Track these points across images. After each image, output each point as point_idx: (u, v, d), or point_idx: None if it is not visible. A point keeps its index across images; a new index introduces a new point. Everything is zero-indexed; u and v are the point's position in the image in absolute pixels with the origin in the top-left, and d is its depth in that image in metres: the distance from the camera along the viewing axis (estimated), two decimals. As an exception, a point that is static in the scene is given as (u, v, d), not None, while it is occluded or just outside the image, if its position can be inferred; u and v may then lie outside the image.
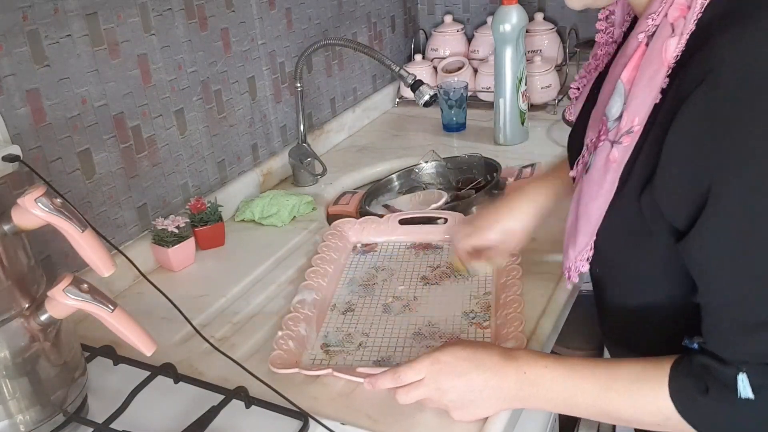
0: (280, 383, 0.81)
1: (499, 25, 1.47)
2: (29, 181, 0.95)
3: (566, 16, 1.86)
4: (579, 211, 0.72)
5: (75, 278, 0.73)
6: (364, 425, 0.78)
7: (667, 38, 0.62)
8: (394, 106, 1.91)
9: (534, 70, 1.69)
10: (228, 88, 1.32)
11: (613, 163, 0.67)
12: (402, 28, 1.95)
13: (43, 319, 0.74)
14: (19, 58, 0.94)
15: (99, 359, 0.91)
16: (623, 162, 0.66)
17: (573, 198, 0.76)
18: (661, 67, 0.62)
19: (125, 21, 1.08)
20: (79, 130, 1.03)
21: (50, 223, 0.70)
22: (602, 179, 0.68)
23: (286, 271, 1.12)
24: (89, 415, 0.83)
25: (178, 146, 1.22)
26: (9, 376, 0.73)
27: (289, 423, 0.77)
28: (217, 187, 1.32)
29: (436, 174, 1.44)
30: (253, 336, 0.96)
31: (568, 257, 0.76)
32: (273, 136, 1.47)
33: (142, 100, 1.14)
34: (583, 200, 0.72)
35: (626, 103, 0.65)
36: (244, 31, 1.34)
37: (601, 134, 0.69)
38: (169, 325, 0.96)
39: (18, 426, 0.75)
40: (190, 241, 1.15)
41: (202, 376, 0.87)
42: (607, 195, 0.68)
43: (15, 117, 0.94)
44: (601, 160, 0.68)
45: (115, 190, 1.11)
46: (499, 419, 0.76)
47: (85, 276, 0.77)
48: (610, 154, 0.67)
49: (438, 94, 1.52)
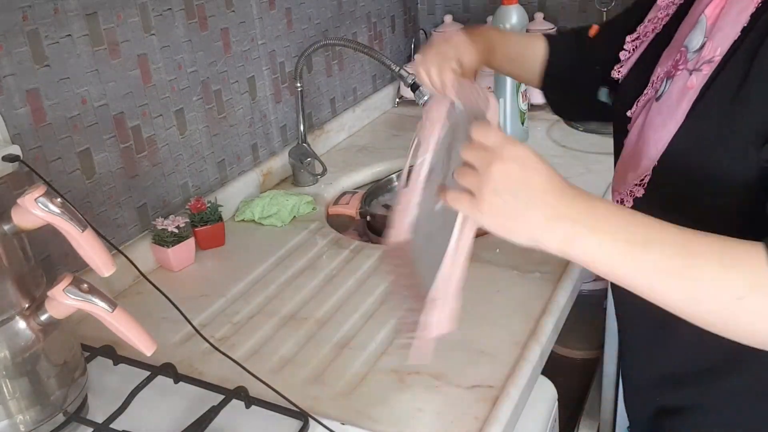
0: (280, 383, 0.81)
1: (499, 25, 1.47)
2: (29, 181, 0.95)
3: (566, 16, 1.86)
4: (644, 138, 0.73)
5: (75, 278, 0.73)
6: (364, 425, 0.78)
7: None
8: (394, 106, 1.91)
9: (534, 70, 1.69)
10: (228, 88, 1.32)
11: (691, 89, 0.69)
12: (402, 28, 1.95)
13: (43, 319, 0.74)
14: (19, 58, 0.94)
15: (99, 359, 0.91)
16: (699, 88, 0.68)
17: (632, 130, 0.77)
18: (750, 4, 0.65)
19: (125, 21, 1.08)
20: (79, 130, 1.03)
21: (50, 223, 0.71)
22: (677, 104, 0.70)
23: (286, 271, 1.12)
24: (89, 415, 0.83)
25: (178, 146, 1.22)
26: (9, 376, 0.73)
27: (289, 423, 0.77)
28: (217, 187, 1.32)
29: (436, 174, 1.44)
30: (253, 336, 0.97)
31: (624, 183, 0.76)
32: (273, 136, 1.47)
33: (142, 100, 1.14)
34: (651, 126, 0.73)
35: (708, 36, 0.68)
36: (244, 31, 1.34)
37: (680, 64, 0.71)
38: (169, 325, 0.96)
39: (18, 426, 0.75)
40: (190, 241, 1.15)
41: (202, 376, 0.87)
42: (678, 120, 0.70)
43: (15, 117, 0.94)
44: (678, 87, 0.70)
45: (115, 190, 1.11)
46: (498, 420, 0.77)
47: (85, 276, 0.77)
48: (688, 81, 0.69)
49: (438, 94, 1.52)
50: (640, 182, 0.74)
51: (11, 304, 0.73)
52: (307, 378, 0.87)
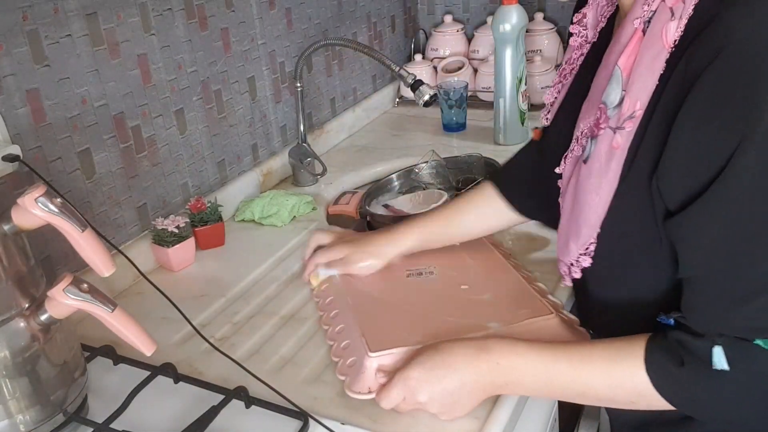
0: (280, 383, 0.81)
1: (499, 25, 1.47)
2: (29, 181, 0.95)
3: (566, 16, 1.86)
4: (580, 203, 0.72)
5: (75, 278, 0.73)
6: (364, 425, 0.78)
7: (666, 22, 0.63)
8: (394, 106, 1.91)
9: (534, 70, 1.69)
10: (228, 88, 1.32)
11: (617, 150, 0.67)
12: (402, 28, 1.95)
13: (43, 319, 0.74)
14: (19, 58, 0.94)
15: (99, 359, 0.91)
16: (626, 148, 0.66)
17: (566, 193, 0.76)
18: (661, 51, 0.63)
19: (125, 21, 1.08)
20: (79, 130, 1.03)
21: (50, 223, 0.70)
22: (606, 167, 0.68)
23: (286, 271, 1.12)
24: (89, 415, 0.83)
25: (178, 146, 1.22)
26: (9, 376, 0.73)
27: (289, 423, 0.77)
28: (217, 187, 1.32)
29: (436, 174, 1.44)
30: (253, 336, 0.96)
31: (568, 253, 0.76)
32: (273, 136, 1.47)
33: (142, 100, 1.14)
34: (583, 191, 0.71)
35: (626, 89, 0.66)
36: (244, 31, 1.34)
37: (601, 122, 0.69)
38: (169, 325, 0.96)
39: (18, 426, 0.75)
40: (190, 241, 1.15)
41: (202, 376, 0.87)
42: (612, 183, 0.68)
43: (15, 117, 0.94)
44: (603, 148, 0.68)
45: (115, 190, 1.11)
46: (498, 420, 0.77)
47: (85, 276, 0.77)
48: (613, 140, 0.67)
49: (438, 94, 1.52)
50: (585, 251, 0.74)
51: (11, 304, 0.73)
52: (307, 378, 0.87)
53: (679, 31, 0.62)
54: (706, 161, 0.60)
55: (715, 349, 0.63)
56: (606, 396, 0.71)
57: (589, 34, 0.81)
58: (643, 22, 0.65)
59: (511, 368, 0.74)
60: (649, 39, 0.64)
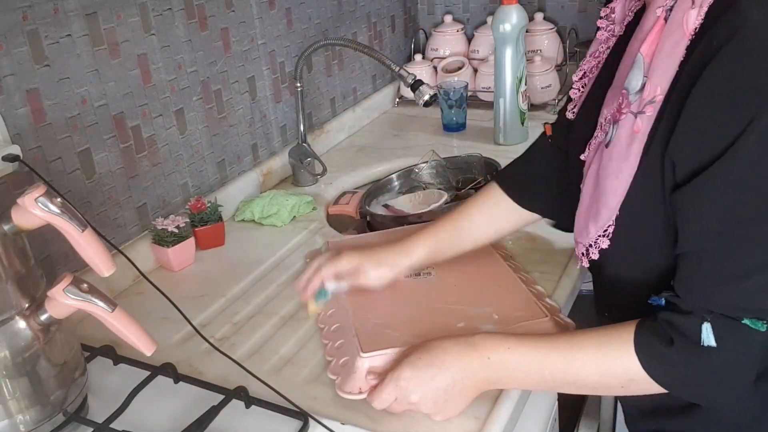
0: (280, 383, 0.81)
1: (499, 25, 1.47)
2: (29, 181, 0.95)
3: (566, 16, 1.86)
4: (600, 186, 0.73)
5: (75, 278, 0.73)
6: (364, 425, 0.78)
7: (687, 9, 0.64)
8: (394, 106, 1.91)
9: (534, 70, 1.69)
10: (228, 88, 1.32)
11: (638, 133, 0.68)
12: (402, 28, 1.95)
13: (43, 319, 0.74)
14: (19, 58, 0.94)
15: (99, 359, 0.91)
16: (647, 131, 0.68)
17: (587, 176, 0.76)
18: (682, 39, 0.65)
19: (125, 21, 1.08)
20: (79, 130, 1.03)
21: (50, 223, 0.70)
22: (627, 150, 0.69)
23: (286, 271, 1.12)
24: (89, 415, 0.83)
25: (178, 146, 1.22)
26: (9, 376, 0.73)
27: (289, 423, 0.77)
28: (217, 187, 1.32)
29: (436, 174, 1.44)
30: (253, 336, 0.97)
31: (587, 234, 0.76)
32: (273, 136, 1.47)
33: (142, 100, 1.14)
34: (605, 173, 0.72)
35: (648, 75, 0.67)
36: (244, 31, 1.34)
37: (623, 107, 0.70)
38: (169, 325, 0.96)
39: (18, 426, 0.75)
40: (190, 241, 1.15)
41: (202, 376, 0.87)
42: (632, 165, 0.69)
43: (15, 117, 0.94)
44: (625, 132, 0.69)
45: (115, 190, 1.11)
46: (498, 419, 0.77)
47: (85, 276, 0.77)
48: (634, 124, 0.68)
49: (438, 94, 1.52)
50: (604, 233, 0.74)
51: (11, 304, 0.73)
52: (306, 378, 0.87)
53: (699, 18, 0.64)
54: (716, 136, 0.61)
55: (704, 325, 0.65)
56: (598, 383, 0.72)
57: (616, 28, 0.82)
58: (665, 10, 0.67)
59: (502, 363, 0.75)
60: (670, 26, 0.66)
